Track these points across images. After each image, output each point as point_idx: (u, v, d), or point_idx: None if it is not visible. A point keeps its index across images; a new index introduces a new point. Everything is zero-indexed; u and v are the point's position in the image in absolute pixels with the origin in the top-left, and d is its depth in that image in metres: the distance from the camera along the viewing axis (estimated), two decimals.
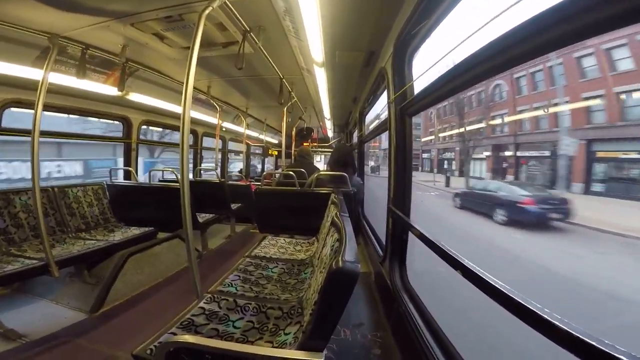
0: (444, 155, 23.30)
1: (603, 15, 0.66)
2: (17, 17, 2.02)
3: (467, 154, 17.59)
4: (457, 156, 20.59)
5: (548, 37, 0.81)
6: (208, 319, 1.46)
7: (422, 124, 26.93)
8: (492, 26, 1.14)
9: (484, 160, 16.37)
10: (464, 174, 17.27)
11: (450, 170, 20.99)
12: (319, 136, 10.48)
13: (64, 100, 3.15)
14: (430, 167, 24.94)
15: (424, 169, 26.30)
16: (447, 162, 22.69)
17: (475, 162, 17.15)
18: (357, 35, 2.43)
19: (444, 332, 1.53)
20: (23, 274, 2.16)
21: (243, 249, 3.96)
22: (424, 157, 26.58)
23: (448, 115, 21.91)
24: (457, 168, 20.59)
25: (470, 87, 1.40)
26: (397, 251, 2.28)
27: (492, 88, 15.55)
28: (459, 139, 19.35)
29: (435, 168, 23.74)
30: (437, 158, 24.01)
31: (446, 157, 22.80)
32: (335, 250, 1.17)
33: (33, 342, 2.00)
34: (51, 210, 2.97)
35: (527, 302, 0.82)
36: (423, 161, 26.94)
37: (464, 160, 18.27)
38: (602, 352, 0.60)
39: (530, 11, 0.86)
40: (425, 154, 26.35)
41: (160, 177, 5.25)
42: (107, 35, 2.42)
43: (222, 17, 2.12)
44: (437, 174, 22.13)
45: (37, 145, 2.18)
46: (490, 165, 15.86)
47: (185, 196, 1.57)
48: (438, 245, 1.42)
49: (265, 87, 4.13)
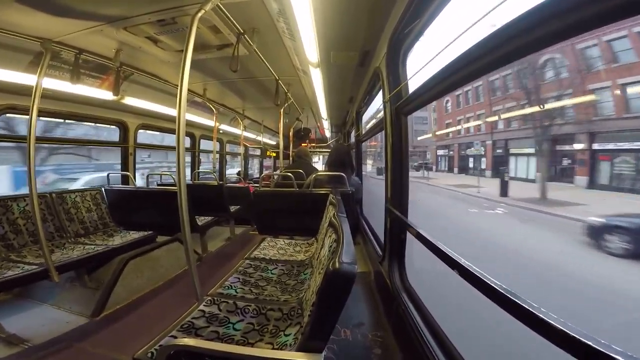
0: (468, 151, 18.99)
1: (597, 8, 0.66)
2: (8, 22, 2.01)
3: (505, 148, 13.73)
4: (489, 152, 16.77)
5: (543, 32, 0.81)
6: (208, 321, 1.46)
7: (437, 115, 23.64)
8: (485, 22, 1.15)
9: (532, 156, 12.53)
10: (500, 175, 12.73)
11: (479, 169, 16.98)
12: (316, 136, 10.47)
13: (59, 106, 3.15)
14: (448, 166, 21.43)
15: (440, 168, 22.44)
16: (473, 159, 18.44)
17: (518, 158, 13.52)
18: (351, 36, 2.43)
19: (444, 332, 1.54)
20: (23, 279, 2.17)
21: (242, 251, 3.96)
22: (439, 154, 22.78)
23: (472, 103, 17.79)
24: (490, 167, 16.64)
25: (465, 84, 1.40)
26: (396, 250, 2.29)
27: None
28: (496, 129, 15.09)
29: (456, 167, 20.27)
30: (459, 154, 20.31)
31: (472, 154, 18.41)
32: (333, 251, 1.18)
33: (35, 346, 2.01)
34: (49, 216, 2.97)
35: (524, 302, 0.82)
36: (438, 159, 23.28)
37: (502, 157, 14.17)
38: (598, 351, 0.61)
39: (523, 6, 0.86)
40: (441, 150, 22.65)
41: (159, 181, 5.24)
42: (100, 40, 2.41)
43: (215, 19, 2.12)
44: (459, 174, 18.37)
45: (33, 151, 2.17)
46: (546, 162, 12.01)
47: (183, 199, 1.57)
48: (435, 244, 1.42)
49: (261, 88, 4.12)
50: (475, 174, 16.25)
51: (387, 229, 2.45)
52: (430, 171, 24.73)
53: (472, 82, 12.66)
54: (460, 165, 19.61)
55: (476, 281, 1.05)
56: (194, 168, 5.74)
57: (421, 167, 29.30)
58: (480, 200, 12.57)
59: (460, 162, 19.53)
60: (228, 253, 4.15)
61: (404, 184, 2.25)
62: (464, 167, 19.29)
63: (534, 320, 0.77)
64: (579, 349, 0.65)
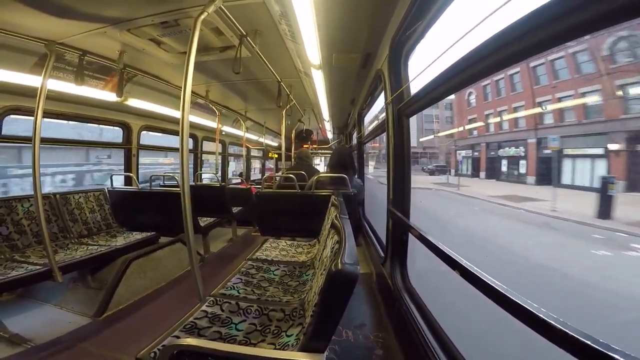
0: (500, 151, 14.96)
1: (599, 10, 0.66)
2: (13, 24, 2.03)
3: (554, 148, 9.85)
4: (532, 153, 13.08)
5: (545, 34, 0.82)
6: (211, 322, 1.47)
7: (456, 110, 19.82)
8: (487, 24, 1.15)
9: (598, 157, 9.28)
10: (603, 186, 8.13)
11: (516, 174, 13.43)
12: (318, 138, 10.48)
13: (63, 107, 3.17)
14: (472, 169, 17.26)
15: (462, 172, 18.18)
16: (507, 162, 14.50)
17: (576, 160, 10.19)
18: (353, 37, 2.44)
19: (445, 333, 1.54)
20: (27, 279, 2.18)
21: (245, 252, 3.97)
22: (462, 156, 18.25)
23: (507, 94, 13.57)
24: (533, 172, 12.97)
25: (466, 86, 1.40)
26: (398, 252, 2.29)
27: None
28: None
29: (483, 171, 16.27)
30: (486, 156, 16.21)
31: (506, 155, 14.38)
32: (335, 252, 1.18)
33: (38, 346, 2.02)
34: (53, 217, 2.99)
35: (524, 302, 0.82)
36: (459, 161, 18.84)
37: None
38: (597, 350, 0.61)
39: (525, 8, 0.86)
40: (463, 151, 18.39)
41: (161, 182, 5.27)
42: (104, 42, 2.44)
43: (218, 21, 2.13)
44: (489, 179, 14.41)
45: (38, 152, 2.19)
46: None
47: (186, 200, 1.58)
48: (437, 246, 1.43)
49: (263, 90, 4.14)
50: (510, 180, 13.05)
51: (389, 230, 2.45)
52: (446, 175, 21.77)
53: (506, 70, 11.40)
54: (489, 168, 16.03)
55: (477, 282, 1.05)
56: (196, 169, 5.76)
57: (436, 171, 26.92)
58: (582, 229, 7.90)
59: (488, 165, 16.02)
60: (230, 254, 4.16)
61: (406, 185, 2.25)
62: (493, 170, 15.67)
63: (534, 320, 0.77)
64: (578, 348, 0.65)
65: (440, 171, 26.13)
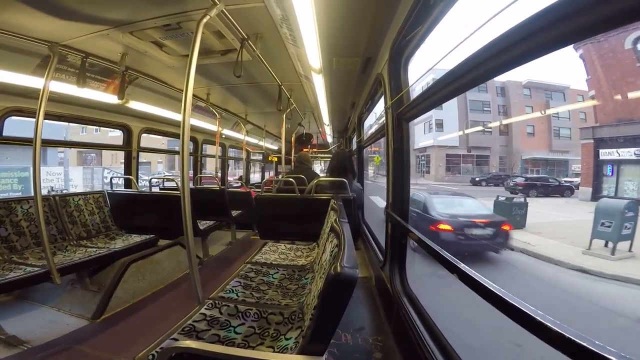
0: None
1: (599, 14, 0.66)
2: (17, 25, 2.05)
3: None
4: None
5: (542, 39, 0.83)
6: (209, 324, 1.46)
7: (601, 75, 12.16)
8: (486, 29, 1.16)
9: None
10: None
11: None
12: (318, 142, 10.50)
13: (65, 109, 3.18)
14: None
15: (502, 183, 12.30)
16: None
17: None
18: (354, 42, 2.46)
19: (444, 336, 1.53)
20: (25, 281, 2.17)
21: (244, 255, 3.96)
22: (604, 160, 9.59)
23: None
24: None
25: (466, 90, 1.41)
26: (397, 256, 2.29)
27: None
28: None
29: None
30: None
31: None
32: (334, 256, 1.19)
33: (35, 348, 2.00)
34: (52, 219, 2.98)
35: (521, 305, 0.83)
36: (608, 168, 9.74)
37: None
38: (592, 352, 0.61)
39: (523, 14, 0.87)
40: (606, 150, 9.67)
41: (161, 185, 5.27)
42: (107, 44, 2.45)
43: (220, 25, 2.15)
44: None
45: (39, 154, 2.20)
46: None
47: (185, 203, 1.58)
48: (435, 249, 1.43)
49: (264, 94, 4.15)
50: None
51: (388, 234, 2.45)
52: (479, 186, 16.13)
53: None
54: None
55: (475, 285, 1.06)
56: (196, 172, 5.76)
57: (491, 182, 18.77)
58: None
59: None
60: (229, 257, 4.15)
61: (405, 190, 2.26)
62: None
63: (531, 322, 0.78)
64: (574, 350, 0.65)
65: (501, 183, 17.79)
